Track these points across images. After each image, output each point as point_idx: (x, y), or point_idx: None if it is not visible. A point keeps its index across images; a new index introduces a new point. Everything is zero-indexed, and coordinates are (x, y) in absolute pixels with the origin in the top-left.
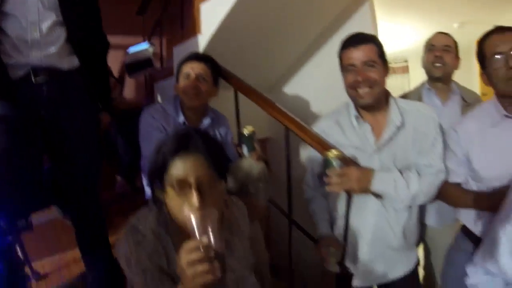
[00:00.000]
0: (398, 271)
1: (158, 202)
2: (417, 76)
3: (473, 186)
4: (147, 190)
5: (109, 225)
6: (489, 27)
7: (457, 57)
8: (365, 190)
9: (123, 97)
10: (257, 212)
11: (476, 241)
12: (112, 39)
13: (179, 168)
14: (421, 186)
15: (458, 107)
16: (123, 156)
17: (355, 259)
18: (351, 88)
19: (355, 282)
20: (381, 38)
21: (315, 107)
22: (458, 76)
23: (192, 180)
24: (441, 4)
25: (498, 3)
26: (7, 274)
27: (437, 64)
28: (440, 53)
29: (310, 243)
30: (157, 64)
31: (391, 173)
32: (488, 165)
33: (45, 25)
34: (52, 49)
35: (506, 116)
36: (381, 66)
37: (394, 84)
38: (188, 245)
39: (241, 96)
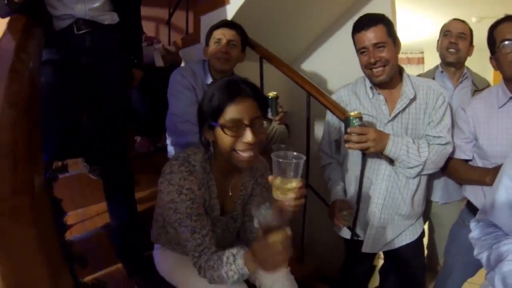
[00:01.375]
0: (405, 238)
1: (206, 143)
2: (431, 66)
3: (479, 162)
4: (170, 149)
5: None
6: None
7: (471, 45)
8: (381, 151)
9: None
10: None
11: None
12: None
13: (234, 111)
14: (431, 154)
15: (469, 92)
16: (143, 115)
17: (366, 225)
18: (366, 69)
19: (364, 248)
20: (399, 27)
21: (332, 83)
22: (474, 68)
23: (246, 121)
24: None
25: None
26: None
27: (452, 50)
28: (455, 40)
29: (324, 208)
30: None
31: (405, 139)
32: (493, 143)
33: None
34: (96, 4)
35: (511, 97)
36: (392, 44)
37: (411, 73)
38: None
39: (265, 67)
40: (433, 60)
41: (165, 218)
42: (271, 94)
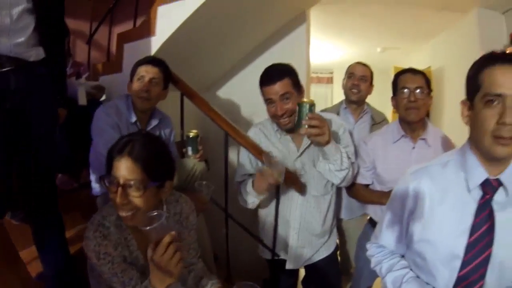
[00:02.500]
0: (322, 253)
1: None
2: (340, 86)
3: (377, 187)
4: (95, 186)
5: None
6: (405, 52)
7: (371, 85)
8: (327, 143)
9: None
10: (201, 206)
11: None
12: None
13: (114, 169)
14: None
15: (368, 125)
16: (63, 152)
17: (286, 246)
18: (274, 118)
19: (288, 265)
20: (311, 52)
21: (245, 110)
22: (378, 91)
23: (121, 181)
24: (367, 32)
25: (413, 35)
26: None
27: (354, 90)
28: (357, 82)
29: (245, 234)
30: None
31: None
32: (389, 171)
33: (15, 11)
34: (21, 38)
35: (403, 135)
36: (296, 95)
37: (320, 92)
38: (164, 240)
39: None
40: (341, 79)
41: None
42: (192, 134)
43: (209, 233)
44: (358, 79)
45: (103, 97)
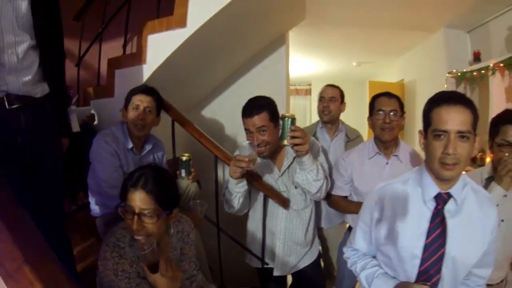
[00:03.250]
0: (306, 261)
1: None
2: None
3: (355, 198)
4: (94, 208)
5: None
6: (379, 66)
7: (342, 103)
8: (307, 153)
9: None
10: (197, 223)
11: None
12: None
13: (129, 198)
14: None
15: (343, 142)
16: None
17: (273, 255)
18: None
19: (275, 272)
20: (290, 65)
21: (229, 130)
22: (354, 104)
23: (137, 210)
24: (343, 48)
25: (386, 51)
26: None
27: (325, 112)
28: (327, 104)
29: (235, 246)
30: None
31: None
32: (365, 184)
33: (21, 49)
34: (28, 77)
35: (378, 152)
36: (273, 127)
37: (298, 104)
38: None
39: None
40: (318, 90)
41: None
42: (185, 157)
43: (204, 247)
44: (328, 101)
45: (95, 122)
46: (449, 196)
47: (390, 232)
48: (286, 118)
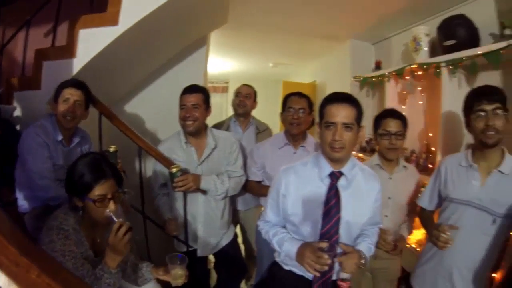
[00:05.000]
0: (224, 241)
1: (75, 208)
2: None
3: (267, 182)
4: (23, 203)
5: None
6: (294, 68)
7: (255, 101)
8: (198, 187)
9: None
10: (126, 210)
11: None
12: None
13: (101, 189)
14: (232, 184)
15: (253, 134)
16: None
17: (195, 237)
18: (182, 120)
19: (199, 253)
20: (211, 64)
21: (150, 124)
22: (270, 101)
23: (110, 195)
24: (261, 50)
25: (300, 54)
26: None
27: (241, 105)
28: (243, 99)
29: (161, 232)
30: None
31: (212, 176)
32: (275, 170)
33: None
34: None
35: (287, 143)
36: (204, 108)
37: (215, 101)
38: (115, 226)
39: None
40: (235, 88)
41: None
42: (112, 149)
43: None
44: (244, 97)
45: (16, 113)
46: (340, 174)
47: (294, 204)
48: (173, 173)
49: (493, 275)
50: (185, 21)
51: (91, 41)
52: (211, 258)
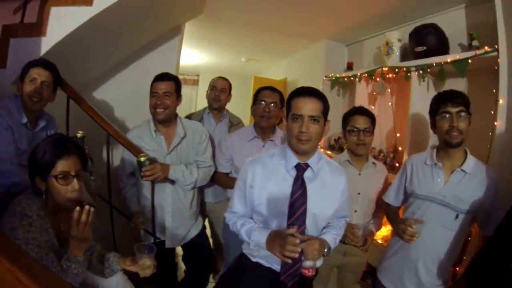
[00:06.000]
0: (193, 233)
1: (39, 191)
2: (205, 88)
3: (234, 174)
4: None
5: None
6: (266, 64)
7: (229, 94)
8: (166, 177)
9: None
10: (92, 197)
11: None
12: None
13: (64, 165)
14: (199, 175)
15: (226, 127)
16: None
17: (163, 228)
18: (152, 108)
19: (167, 244)
20: (182, 56)
21: (119, 111)
22: (240, 95)
23: (73, 172)
24: (234, 44)
25: (273, 51)
26: None
27: (216, 100)
28: (218, 93)
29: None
30: None
31: (181, 166)
32: (242, 163)
33: None
34: None
35: (256, 136)
36: (175, 97)
37: (185, 93)
38: (74, 214)
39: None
40: (206, 81)
41: None
42: (79, 134)
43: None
44: (219, 91)
45: None
46: (307, 165)
47: (261, 195)
48: (141, 161)
49: (457, 268)
50: (161, 7)
51: (63, 20)
52: (179, 252)
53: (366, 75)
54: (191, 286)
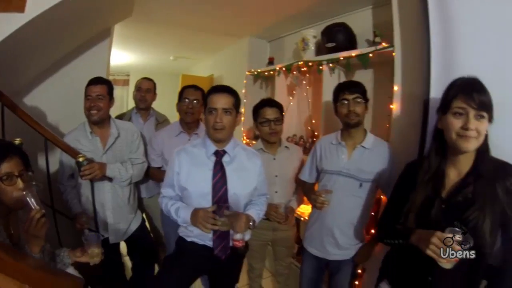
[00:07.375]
0: (133, 226)
1: None
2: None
3: (166, 168)
4: None
5: None
6: (193, 62)
7: (155, 94)
8: (104, 175)
9: None
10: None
11: None
12: None
13: (6, 167)
14: (134, 171)
15: (153, 125)
16: None
17: (106, 225)
18: (87, 110)
19: (110, 240)
20: (112, 57)
21: (52, 116)
22: (169, 93)
23: (16, 173)
24: (162, 43)
25: (200, 49)
26: None
27: (142, 101)
28: (144, 94)
29: (68, 222)
30: None
31: (116, 164)
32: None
33: None
34: None
35: (182, 131)
36: (108, 99)
37: (116, 94)
38: (32, 213)
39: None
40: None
41: None
42: (17, 141)
43: None
44: (145, 92)
45: None
46: (224, 152)
47: (187, 179)
48: (80, 162)
49: (372, 231)
50: (91, 11)
51: None
52: (124, 251)
53: (284, 69)
54: (139, 281)
